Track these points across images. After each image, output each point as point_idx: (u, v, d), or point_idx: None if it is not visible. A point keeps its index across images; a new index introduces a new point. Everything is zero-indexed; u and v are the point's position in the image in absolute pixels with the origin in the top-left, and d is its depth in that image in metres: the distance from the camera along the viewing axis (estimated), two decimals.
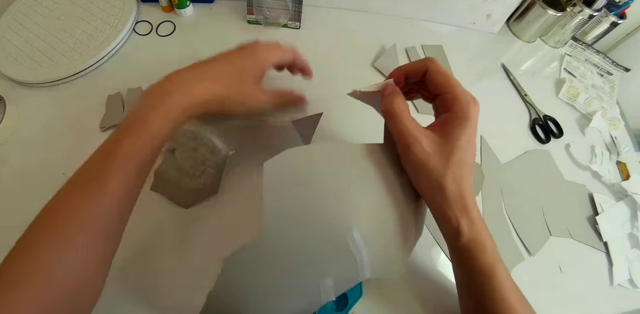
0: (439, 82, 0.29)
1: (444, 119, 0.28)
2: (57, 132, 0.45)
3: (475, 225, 0.28)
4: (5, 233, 0.39)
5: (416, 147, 0.27)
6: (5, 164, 0.43)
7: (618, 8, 0.60)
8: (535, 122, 0.55)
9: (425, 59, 0.30)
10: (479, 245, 0.28)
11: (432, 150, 0.27)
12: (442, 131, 0.28)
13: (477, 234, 0.28)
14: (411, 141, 0.27)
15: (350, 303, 0.36)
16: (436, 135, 0.28)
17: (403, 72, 0.31)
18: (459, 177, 0.27)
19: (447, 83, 0.29)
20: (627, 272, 0.44)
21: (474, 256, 0.28)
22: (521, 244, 0.44)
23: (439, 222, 0.30)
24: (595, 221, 0.47)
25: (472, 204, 0.28)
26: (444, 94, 0.29)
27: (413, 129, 0.28)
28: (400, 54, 0.58)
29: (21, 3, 0.55)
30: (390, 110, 0.29)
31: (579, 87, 0.60)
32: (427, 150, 0.27)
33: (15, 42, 0.51)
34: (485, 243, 0.28)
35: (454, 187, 0.27)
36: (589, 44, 0.68)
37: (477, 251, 0.28)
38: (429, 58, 0.30)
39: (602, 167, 0.52)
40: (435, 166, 0.27)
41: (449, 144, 0.27)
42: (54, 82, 0.48)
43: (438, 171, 0.27)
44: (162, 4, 0.56)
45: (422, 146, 0.27)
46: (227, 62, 0.33)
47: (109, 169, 0.26)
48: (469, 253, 0.28)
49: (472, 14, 0.61)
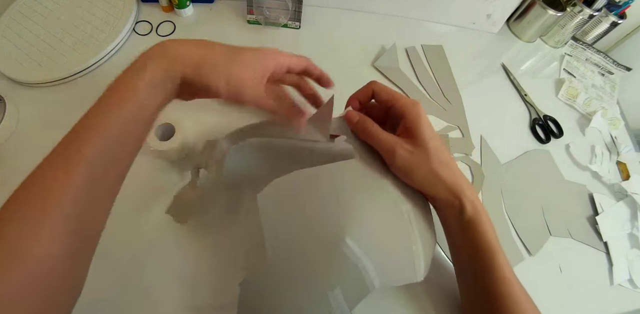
0: (385, 97, 0.34)
1: (403, 124, 0.33)
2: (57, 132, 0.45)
3: (475, 204, 0.32)
4: None
5: (399, 149, 0.31)
6: (5, 164, 0.43)
7: (618, 8, 0.60)
8: (535, 122, 0.55)
9: (369, 82, 0.35)
10: (482, 223, 0.31)
11: (412, 148, 0.31)
12: (408, 133, 0.32)
13: (479, 212, 0.32)
14: (393, 145, 0.32)
15: None
16: (406, 137, 0.32)
17: (355, 98, 0.35)
18: (444, 161, 0.32)
19: (391, 97, 0.33)
20: (627, 272, 0.44)
21: (479, 231, 0.31)
22: (521, 244, 0.44)
23: (441, 209, 0.33)
24: (595, 221, 0.47)
25: (467, 186, 0.32)
26: (392, 106, 0.33)
27: (391, 138, 0.32)
28: (400, 54, 0.58)
29: (21, 3, 0.55)
30: (365, 130, 0.33)
31: (578, 88, 0.60)
32: (409, 149, 0.31)
33: (15, 42, 0.51)
34: (487, 222, 0.32)
35: (446, 171, 0.32)
36: (589, 44, 0.67)
37: (481, 228, 0.31)
38: (372, 81, 0.35)
39: (602, 167, 0.52)
40: (420, 159, 0.31)
41: (419, 139, 0.31)
42: (54, 82, 0.48)
43: (425, 162, 0.31)
44: (162, 4, 0.56)
45: (403, 147, 0.31)
46: (241, 47, 0.32)
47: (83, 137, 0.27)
48: (473, 228, 0.31)
49: (472, 14, 0.61)
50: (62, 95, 0.48)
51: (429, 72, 0.57)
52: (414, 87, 0.55)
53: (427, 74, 0.56)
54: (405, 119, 0.32)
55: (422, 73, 0.56)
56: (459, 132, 0.51)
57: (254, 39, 0.55)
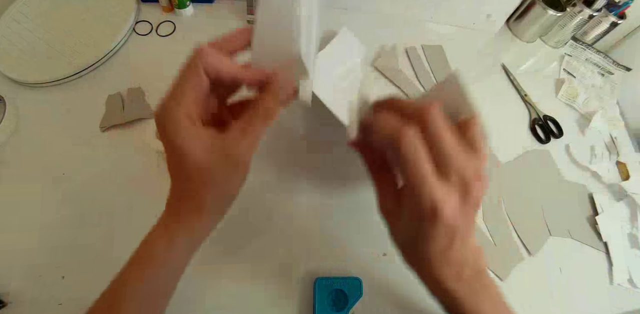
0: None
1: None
2: (57, 132, 0.45)
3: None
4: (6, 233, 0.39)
5: (448, 207, 0.23)
6: (5, 164, 0.43)
7: (618, 8, 0.60)
8: (535, 122, 0.55)
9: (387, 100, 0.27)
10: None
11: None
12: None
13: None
14: (439, 198, 0.23)
15: (350, 303, 0.36)
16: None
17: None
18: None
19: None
20: (627, 272, 0.44)
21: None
22: (521, 244, 0.44)
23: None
24: (595, 221, 0.47)
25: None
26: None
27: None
28: (400, 54, 0.58)
29: (21, 3, 0.55)
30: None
31: (578, 88, 0.60)
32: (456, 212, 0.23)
33: (15, 42, 0.51)
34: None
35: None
36: (589, 44, 0.68)
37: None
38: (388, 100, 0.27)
39: (602, 167, 0.52)
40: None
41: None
42: (54, 82, 0.48)
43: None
44: (162, 4, 0.56)
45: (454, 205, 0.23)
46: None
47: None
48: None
49: (472, 14, 0.61)
50: (62, 95, 0.48)
51: (429, 72, 0.57)
52: (414, 87, 0.55)
53: (427, 74, 0.57)
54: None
55: (422, 73, 0.56)
56: None
57: None
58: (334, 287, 0.37)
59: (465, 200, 0.23)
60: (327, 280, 0.37)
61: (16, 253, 0.38)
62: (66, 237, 0.39)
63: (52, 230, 0.39)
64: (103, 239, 0.39)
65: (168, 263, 0.26)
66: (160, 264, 0.26)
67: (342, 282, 0.37)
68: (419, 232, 0.23)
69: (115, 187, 0.42)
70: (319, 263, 0.39)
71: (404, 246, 0.27)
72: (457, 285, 0.25)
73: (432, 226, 0.22)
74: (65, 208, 0.40)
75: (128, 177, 0.43)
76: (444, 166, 0.22)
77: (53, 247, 0.38)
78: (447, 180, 0.22)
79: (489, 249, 0.42)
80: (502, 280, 0.41)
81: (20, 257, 0.38)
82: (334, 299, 0.37)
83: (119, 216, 0.41)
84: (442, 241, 0.23)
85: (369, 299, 0.37)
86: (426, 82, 0.55)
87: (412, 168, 0.22)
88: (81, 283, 0.37)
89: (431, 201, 0.22)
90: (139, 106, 0.47)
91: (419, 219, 0.23)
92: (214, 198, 0.25)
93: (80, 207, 0.41)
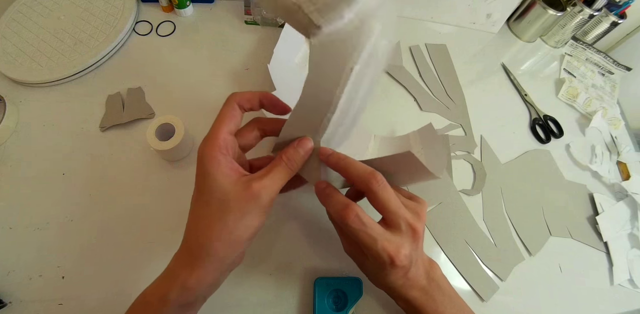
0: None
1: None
2: (57, 132, 0.45)
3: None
4: (6, 233, 0.39)
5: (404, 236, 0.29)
6: (5, 164, 0.43)
7: (618, 8, 0.60)
8: (535, 122, 0.55)
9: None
10: None
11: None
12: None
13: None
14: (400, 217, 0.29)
15: (350, 303, 0.36)
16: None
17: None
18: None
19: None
20: (627, 272, 0.44)
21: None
22: (521, 244, 0.44)
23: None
24: (595, 221, 0.47)
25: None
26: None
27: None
28: (404, 53, 0.58)
29: (21, 3, 0.55)
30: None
31: (578, 88, 0.60)
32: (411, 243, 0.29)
33: (15, 42, 0.51)
34: None
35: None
36: (590, 43, 0.67)
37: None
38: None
39: (602, 167, 0.52)
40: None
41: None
42: (54, 82, 0.48)
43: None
44: (162, 4, 0.56)
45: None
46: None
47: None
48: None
49: (472, 14, 0.61)
50: (62, 95, 0.48)
51: (432, 70, 0.57)
52: (417, 85, 0.55)
53: (431, 72, 0.57)
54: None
55: (426, 72, 0.56)
56: (462, 130, 0.51)
57: (252, 39, 0.55)
58: (334, 287, 0.37)
59: (415, 239, 0.29)
60: (327, 280, 0.37)
61: (16, 253, 0.38)
62: (66, 237, 0.39)
63: (52, 230, 0.39)
64: (103, 239, 0.39)
65: None
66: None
67: (342, 282, 0.37)
68: (381, 271, 0.29)
69: (115, 187, 0.42)
70: (319, 263, 0.39)
71: (371, 276, 0.33)
72: (416, 293, 0.30)
73: (392, 269, 0.28)
74: (65, 208, 0.40)
75: (128, 177, 0.43)
76: (394, 220, 0.28)
77: (53, 247, 0.38)
78: (399, 230, 0.28)
79: (489, 249, 0.42)
80: (502, 280, 0.41)
81: (20, 257, 0.38)
82: (334, 299, 0.37)
83: (119, 216, 0.41)
84: (400, 274, 0.29)
85: (369, 299, 0.37)
86: (430, 81, 0.55)
87: (364, 236, 0.27)
88: (81, 283, 0.37)
89: (387, 253, 0.27)
90: (139, 106, 0.47)
91: (381, 266, 0.28)
92: (221, 243, 0.26)
93: (79, 207, 0.41)
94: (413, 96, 0.53)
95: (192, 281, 0.26)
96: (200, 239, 0.26)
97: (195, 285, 0.26)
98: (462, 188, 0.46)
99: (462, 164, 0.48)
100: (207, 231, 0.26)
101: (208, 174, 0.26)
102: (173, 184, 0.43)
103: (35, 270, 0.37)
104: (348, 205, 0.28)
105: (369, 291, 0.37)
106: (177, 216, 0.30)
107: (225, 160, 0.27)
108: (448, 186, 0.46)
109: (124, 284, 0.37)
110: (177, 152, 0.42)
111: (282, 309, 0.37)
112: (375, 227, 0.28)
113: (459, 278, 0.41)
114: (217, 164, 0.26)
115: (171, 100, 0.48)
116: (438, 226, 0.43)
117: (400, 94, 0.54)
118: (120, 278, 0.37)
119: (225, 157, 0.27)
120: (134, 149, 0.44)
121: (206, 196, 0.27)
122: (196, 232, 0.27)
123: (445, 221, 0.44)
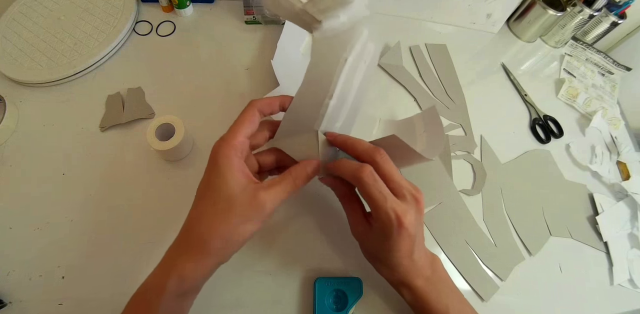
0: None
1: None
2: (57, 132, 0.45)
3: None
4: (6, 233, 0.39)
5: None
6: (5, 164, 0.43)
7: (618, 8, 0.60)
8: (535, 122, 0.55)
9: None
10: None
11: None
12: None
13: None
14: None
15: (350, 303, 0.36)
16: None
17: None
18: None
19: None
20: (627, 272, 0.44)
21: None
22: (521, 244, 0.44)
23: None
24: (595, 221, 0.47)
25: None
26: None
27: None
28: (404, 53, 0.58)
29: (21, 3, 0.55)
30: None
31: (578, 88, 0.60)
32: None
33: (15, 42, 0.51)
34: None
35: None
36: (590, 43, 0.67)
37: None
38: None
39: (602, 167, 0.52)
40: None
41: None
42: (54, 82, 0.48)
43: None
44: (162, 4, 0.56)
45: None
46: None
47: None
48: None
49: (472, 14, 0.61)
50: (62, 95, 0.48)
51: (432, 70, 0.57)
52: (417, 85, 0.55)
53: (431, 72, 0.57)
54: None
55: (426, 71, 0.56)
56: (462, 130, 0.51)
57: (252, 39, 0.55)
58: (334, 287, 0.37)
59: (418, 210, 0.30)
60: (327, 280, 0.37)
61: (16, 253, 0.38)
62: (66, 237, 0.39)
63: (52, 230, 0.39)
64: (103, 239, 0.39)
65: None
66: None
67: (342, 282, 0.37)
68: (387, 243, 0.29)
69: (115, 187, 0.42)
70: (319, 262, 0.39)
71: (376, 259, 0.33)
72: (421, 282, 0.31)
73: (399, 234, 0.28)
74: (65, 208, 0.40)
75: (128, 177, 0.43)
76: (399, 190, 0.29)
77: (53, 247, 0.38)
78: (405, 199, 0.29)
79: (489, 249, 0.42)
80: (502, 280, 0.41)
81: (20, 257, 0.38)
82: (334, 299, 0.37)
83: (119, 216, 0.41)
84: (406, 246, 0.29)
85: (369, 299, 0.37)
86: (430, 81, 0.55)
87: (375, 192, 0.28)
88: (81, 283, 0.37)
89: (395, 214, 0.28)
90: (139, 106, 0.47)
91: (388, 231, 0.29)
92: (221, 241, 0.28)
93: (79, 207, 0.41)
94: (413, 96, 0.53)
95: (190, 271, 0.27)
96: (203, 235, 0.27)
97: (192, 275, 0.27)
98: (462, 188, 0.46)
99: (462, 164, 0.48)
100: (211, 229, 0.27)
101: (220, 174, 0.28)
102: (173, 184, 0.43)
103: (35, 270, 0.37)
104: (362, 165, 0.29)
105: (369, 291, 0.37)
106: (177, 216, 0.30)
107: (239, 163, 0.28)
108: (448, 186, 0.46)
109: (124, 284, 0.36)
110: (177, 152, 0.42)
111: (282, 309, 0.37)
112: (385, 188, 0.29)
113: (459, 277, 0.41)
114: (230, 164, 0.28)
115: (171, 100, 0.49)
116: (438, 226, 0.43)
117: (400, 94, 0.54)
118: (120, 277, 0.37)
119: (239, 160, 0.29)
120: (134, 149, 0.44)
121: (214, 194, 0.28)
122: (199, 227, 0.28)
123: (445, 221, 0.44)
